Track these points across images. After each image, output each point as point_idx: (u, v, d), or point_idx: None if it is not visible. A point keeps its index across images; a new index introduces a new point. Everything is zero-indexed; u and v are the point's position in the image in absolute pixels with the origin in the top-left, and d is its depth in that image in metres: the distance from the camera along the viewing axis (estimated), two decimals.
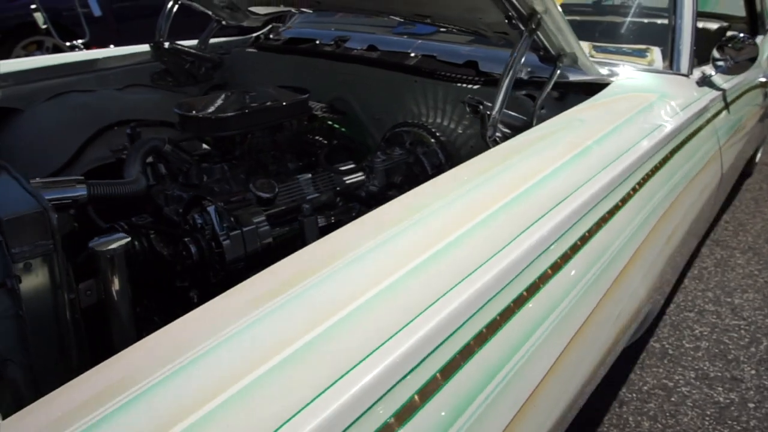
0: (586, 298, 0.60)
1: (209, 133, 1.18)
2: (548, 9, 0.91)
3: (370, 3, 1.25)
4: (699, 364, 1.68)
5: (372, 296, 0.46)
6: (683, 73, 1.31)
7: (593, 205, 0.67)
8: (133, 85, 1.72)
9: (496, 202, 0.62)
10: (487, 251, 0.53)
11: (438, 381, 0.42)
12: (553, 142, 0.84)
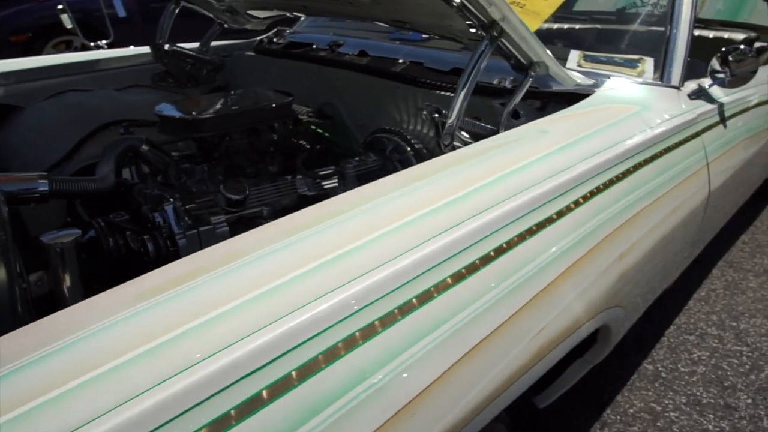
0: (495, 310, 0.59)
1: (185, 134, 1.21)
2: (506, 17, 0.91)
3: (352, 9, 1.26)
4: (692, 389, 1.62)
5: (250, 298, 0.47)
6: (674, 85, 1.27)
7: (515, 218, 0.66)
8: (134, 85, 1.78)
9: (413, 212, 0.62)
10: (379, 259, 0.54)
11: (292, 380, 0.43)
12: (503, 153, 0.83)
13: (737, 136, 1.42)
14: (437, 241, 0.58)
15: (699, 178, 1.17)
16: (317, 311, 0.47)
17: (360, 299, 0.49)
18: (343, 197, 0.67)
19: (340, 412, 0.44)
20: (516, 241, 0.65)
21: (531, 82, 1.09)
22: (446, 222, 0.61)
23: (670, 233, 1.03)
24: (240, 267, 0.52)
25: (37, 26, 4.33)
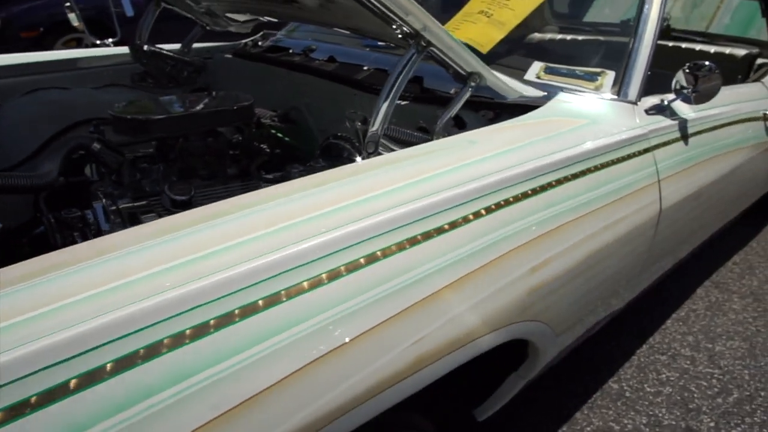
0: (358, 317, 0.61)
1: (137, 134, 1.25)
2: (427, 26, 0.92)
3: (307, 14, 1.29)
4: (655, 410, 1.60)
5: (80, 299, 0.50)
6: (630, 100, 1.27)
7: (392, 228, 0.67)
8: (112, 84, 1.84)
9: (286, 219, 0.64)
10: (231, 261, 0.56)
11: (105, 371, 0.46)
12: (418, 162, 0.85)
13: (702, 154, 1.41)
14: (294, 247, 0.60)
15: (646, 194, 1.17)
16: (142, 307, 0.49)
17: (194, 299, 0.52)
18: (228, 202, 0.70)
19: (159, 407, 0.46)
20: (394, 249, 0.67)
21: (471, 92, 1.10)
22: (314, 229, 0.63)
23: (603, 249, 1.03)
24: (100, 263, 0.55)
25: (48, 23, 4.47)
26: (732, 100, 1.75)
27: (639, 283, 1.38)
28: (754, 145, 1.80)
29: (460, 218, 0.75)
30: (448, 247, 0.72)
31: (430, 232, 0.71)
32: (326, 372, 0.57)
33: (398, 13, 0.89)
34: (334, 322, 0.59)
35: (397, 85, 0.99)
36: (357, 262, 0.63)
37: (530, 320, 0.89)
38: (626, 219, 1.10)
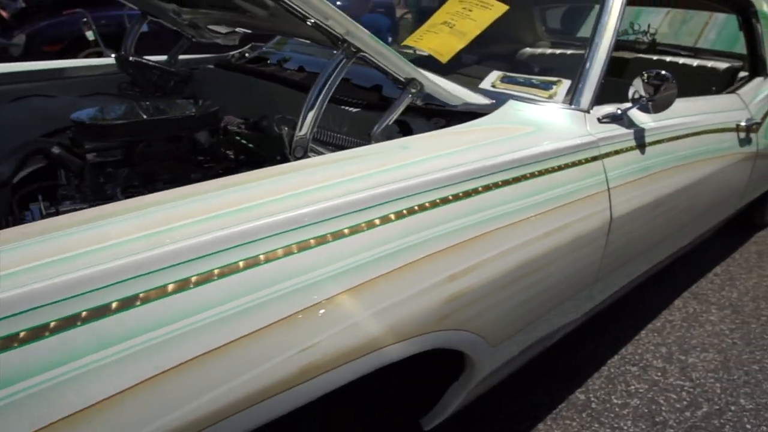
0: (237, 320, 0.57)
1: (97, 139, 1.24)
2: (350, 32, 0.88)
3: (266, 23, 1.27)
4: (620, 422, 1.52)
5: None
6: (582, 108, 1.22)
7: (279, 232, 0.63)
8: (98, 93, 1.84)
9: (175, 221, 0.60)
10: (99, 260, 0.52)
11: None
12: (339, 167, 0.81)
13: (662, 163, 1.34)
14: (165, 248, 0.56)
15: (595, 203, 1.11)
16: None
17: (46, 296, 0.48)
18: (129, 201, 0.66)
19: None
20: (280, 254, 0.62)
21: (412, 99, 1.06)
22: (198, 231, 0.59)
23: (543, 257, 0.97)
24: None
25: (70, 38, 4.56)
26: (701, 110, 1.68)
27: (600, 293, 1.31)
28: (726, 155, 1.72)
29: (363, 223, 0.71)
30: (347, 253, 0.68)
31: (326, 237, 0.67)
32: (199, 375, 0.53)
33: (317, 17, 0.86)
34: (212, 323, 0.55)
35: (324, 90, 0.95)
36: (234, 265, 0.59)
37: (453, 329, 0.84)
38: (570, 227, 1.04)
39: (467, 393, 1.07)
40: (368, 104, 1.25)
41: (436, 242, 0.78)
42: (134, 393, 0.49)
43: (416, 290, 0.75)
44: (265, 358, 0.59)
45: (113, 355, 0.49)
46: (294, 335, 0.61)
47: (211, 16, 1.64)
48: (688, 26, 3.34)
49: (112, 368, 0.49)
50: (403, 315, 0.73)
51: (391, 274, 0.72)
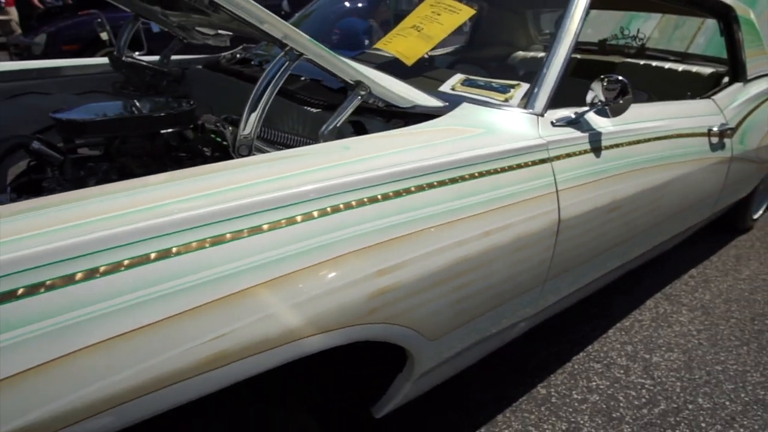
0: (149, 306, 0.58)
1: (73, 135, 1.26)
2: (287, 35, 0.89)
3: (228, 25, 1.28)
4: (577, 416, 1.51)
5: None
6: (535, 111, 1.21)
7: (193, 226, 0.64)
8: (93, 91, 1.87)
9: (98, 214, 0.62)
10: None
11: None
12: (274, 165, 0.81)
13: (619, 167, 1.33)
14: (76, 237, 0.57)
15: (541, 204, 1.10)
16: None
17: None
18: (67, 194, 0.68)
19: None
20: (194, 246, 0.64)
21: (360, 100, 1.06)
22: (112, 224, 0.61)
23: (482, 255, 0.97)
24: None
25: (87, 38, 4.63)
26: (670, 115, 1.66)
27: (553, 293, 1.30)
28: (696, 160, 1.69)
29: (284, 219, 0.72)
30: (264, 247, 0.69)
31: (242, 232, 0.68)
32: (107, 356, 0.55)
33: (254, 23, 0.87)
34: (125, 308, 0.56)
35: (267, 92, 0.96)
36: (145, 256, 0.60)
37: (384, 323, 0.84)
38: (514, 227, 1.04)
39: (413, 384, 1.07)
40: (331, 105, 1.25)
41: (364, 239, 0.79)
42: (43, 370, 0.51)
43: (342, 283, 0.75)
44: (176, 344, 0.60)
45: (19, 336, 0.51)
46: (206, 323, 0.62)
47: (192, 19, 1.66)
48: (681, 31, 3.28)
49: (21, 348, 0.51)
50: (326, 307, 0.74)
51: (312, 268, 0.72)
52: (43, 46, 4.52)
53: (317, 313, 0.74)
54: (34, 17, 5.17)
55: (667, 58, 2.79)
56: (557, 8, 1.43)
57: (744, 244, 2.60)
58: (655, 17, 3.25)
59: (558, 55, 1.27)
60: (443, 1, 1.49)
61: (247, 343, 0.66)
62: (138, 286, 0.59)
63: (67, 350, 0.54)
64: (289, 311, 0.70)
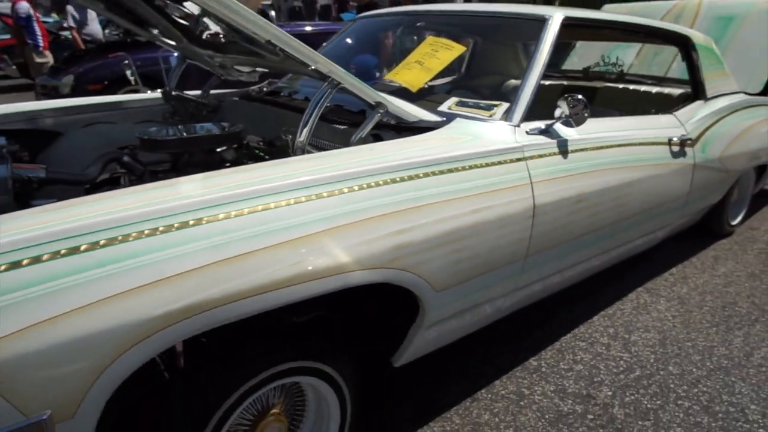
0: (251, 241, 0.97)
1: (154, 150, 1.68)
2: (332, 71, 1.30)
3: (279, 65, 1.71)
4: (563, 381, 1.85)
5: None
6: (514, 123, 1.62)
7: (291, 189, 1.05)
8: (147, 120, 2.31)
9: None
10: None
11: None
12: (324, 158, 1.22)
13: (584, 167, 1.71)
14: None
15: (518, 192, 1.49)
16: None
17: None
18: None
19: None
20: (272, 206, 1.03)
21: (380, 117, 1.48)
22: (237, 187, 1.01)
23: (473, 227, 1.36)
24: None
25: (111, 78, 5.17)
26: (632, 126, 2.06)
27: (533, 269, 1.67)
28: (658, 164, 2.08)
29: (336, 190, 1.11)
30: (322, 207, 1.08)
31: (311, 196, 1.08)
32: (222, 269, 0.93)
33: (308, 62, 1.28)
34: (234, 240, 0.95)
35: (315, 112, 1.37)
36: (249, 209, 1.00)
37: (401, 269, 1.22)
38: (496, 208, 1.43)
39: (424, 333, 1.43)
40: (354, 123, 1.67)
41: (387, 208, 1.18)
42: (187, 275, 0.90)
43: (373, 236, 1.14)
44: (264, 267, 0.98)
45: (178, 253, 0.90)
46: (284, 255, 1.01)
47: (237, 59, 2.11)
48: (659, 58, 3.73)
49: (181, 259, 0.90)
50: (362, 252, 1.12)
51: (354, 224, 1.11)
52: (70, 86, 5.05)
53: (357, 256, 1.12)
54: (61, 60, 5.76)
55: (644, 81, 3.23)
56: (531, 41, 1.85)
57: (723, 247, 2.96)
58: (635, 46, 3.72)
59: (530, 80, 1.69)
60: (440, 41, 1.93)
61: (310, 271, 1.04)
62: (240, 227, 0.98)
63: (199, 264, 0.93)
64: (340, 252, 1.09)
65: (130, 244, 0.89)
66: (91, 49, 5.99)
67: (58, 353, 0.80)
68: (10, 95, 8.47)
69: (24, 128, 2.02)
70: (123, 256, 0.87)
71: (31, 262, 0.83)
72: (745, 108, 2.77)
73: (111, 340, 0.83)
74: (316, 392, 1.33)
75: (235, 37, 1.52)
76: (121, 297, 0.85)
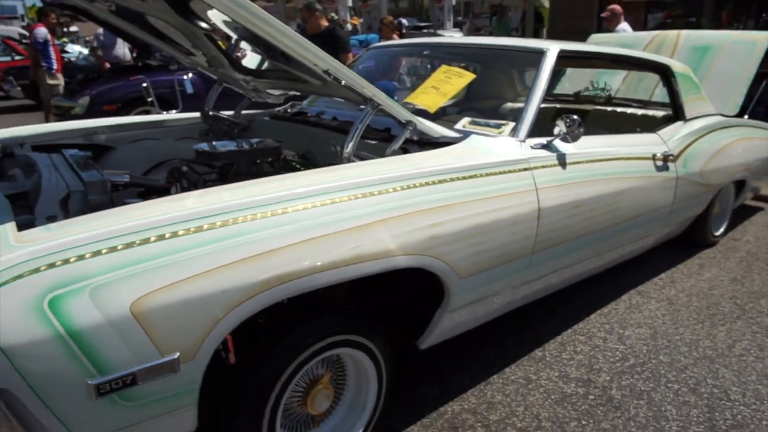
0: (327, 226, 1.23)
1: (206, 161, 1.94)
2: (375, 95, 1.58)
3: (317, 89, 2.00)
4: (566, 368, 2.10)
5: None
6: (519, 139, 1.91)
7: (355, 188, 1.32)
8: (186, 137, 2.58)
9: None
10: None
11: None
12: (369, 165, 1.50)
13: (581, 177, 2.00)
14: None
15: (526, 196, 1.76)
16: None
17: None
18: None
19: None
20: (336, 200, 1.29)
21: (409, 133, 1.76)
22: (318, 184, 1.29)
23: (490, 224, 1.63)
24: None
25: (124, 99, 5.46)
26: (620, 143, 2.37)
27: (539, 265, 1.93)
28: (643, 176, 2.37)
29: (383, 189, 1.38)
30: (374, 203, 1.34)
31: (367, 193, 1.34)
32: (313, 247, 1.20)
33: (357, 88, 1.56)
34: (313, 226, 1.22)
35: (359, 129, 1.65)
36: (318, 203, 1.27)
37: (433, 257, 1.48)
38: (509, 209, 1.70)
39: (447, 317, 1.69)
40: (384, 138, 1.95)
41: (423, 205, 1.44)
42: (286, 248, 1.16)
43: (413, 228, 1.40)
44: (330, 249, 1.24)
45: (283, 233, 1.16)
46: (346, 239, 1.27)
47: (272, 84, 2.40)
48: (644, 83, 4.09)
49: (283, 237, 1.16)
50: (405, 240, 1.38)
51: (398, 217, 1.37)
52: (86, 108, 5.33)
53: (400, 243, 1.38)
54: (76, 82, 6.04)
55: (630, 105, 3.58)
56: (533, 68, 2.16)
57: (707, 255, 3.26)
58: (622, 73, 4.08)
59: (533, 102, 1.99)
60: (452, 69, 2.24)
61: (366, 253, 1.31)
62: (315, 216, 1.24)
63: (288, 243, 1.19)
64: (388, 239, 1.35)
65: (239, 226, 1.15)
66: (104, 72, 6.29)
67: (188, 307, 1.05)
68: (15, 116, 8.74)
69: (81, 143, 2.28)
70: (233, 234, 1.13)
71: (157, 239, 1.09)
72: (722, 128, 3.10)
73: (224, 299, 1.09)
74: (356, 363, 1.57)
75: (286, 66, 1.81)
76: (232, 266, 1.10)
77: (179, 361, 1.06)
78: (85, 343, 0.97)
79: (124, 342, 1.00)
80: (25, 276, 0.95)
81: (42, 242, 1.02)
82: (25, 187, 1.60)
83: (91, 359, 0.98)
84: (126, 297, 1.00)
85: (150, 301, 1.02)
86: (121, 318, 0.99)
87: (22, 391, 0.93)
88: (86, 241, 1.03)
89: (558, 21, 10.74)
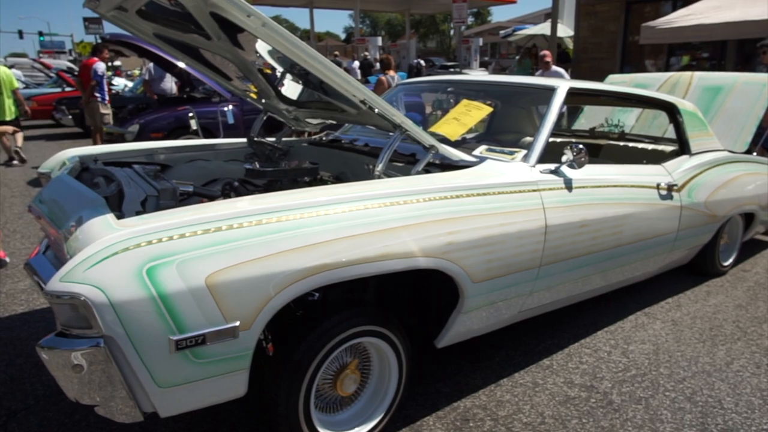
0: (351, 228, 1.49)
1: (254, 178, 2.24)
2: (403, 122, 1.86)
3: (353, 118, 2.29)
4: (571, 375, 2.27)
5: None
6: (530, 164, 2.15)
7: (381, 197, 1.58)
8: (233, 159, 2.90)
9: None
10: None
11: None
12: (392, 182, 1.76)
13: (586, 199, 2.22)
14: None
15: (533, 213, 1.99)
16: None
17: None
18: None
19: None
20: (376, 205, 1.56)
21: (431, 157, 2.02)
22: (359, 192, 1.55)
23: (500, 236, 1.86)
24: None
25: (169, 128, 5.92)
26: (625, 172, 2.58)
27: (545, 278, 2.14)
28: (647, 203, 2.57)
29: (409, 200, 1.64)
30: (399, 211, 1.60)
31: (394, 202, 1.60)
32: (350, 243, 1.45)
33: (388, 116, 1.84)
34: (350, 226, 1.47)
35: (387, 153, 1.92)
36: (354, 207, 1.53)
37: (450, 261, 1.71)
38: (517, 223, 1.93)
39: (461, 319, 1.90)
40: (408, 161, 2.22)
41: (442, 215, 1.69)
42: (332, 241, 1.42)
43: (432, 234, 1.65)
44: (362, 246, 1.48)
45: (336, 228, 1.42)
46: (376, 240, 1.51)
47: (312, 113, 2.71)
48: (657, 121, 4.30)
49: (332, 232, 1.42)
50: (426, 244, 1.62)
51: (420, 224, 1.62)
52: (135, 135, 5.79)
53: (422, 246, 1.63)
54: (126, 111, 6.57)
55: (642, 140, 3.79)
56: (544, 104, 2.42)
57: (715, 284, 3.38)
58: (636, 111, 4.31)
59: (543, 132, 2.25)
60: (472, 103, 2.52)
61: (392, 252, 1.55)
62: (352, 218, 1.50)
63: (329, 238, 1.45)
64: (411, 242, 1.60)
65: (291, 222, 1.41)
66: (152, 103, 6.83)
67: (249, 284, 1.31)
68: (66, 142, 9.38)
69: (144, 161, 2.61)
70: (287, 228, 1.40)
71: (228, 228, 1.36)
72: (728, 162, 3.28)
73: (276, 280, 1.34)
74: (379, 351, 1.80)
75: (326, 96, 2.11)
76: (285, 254, 1.36)
77: (239, 329, 1.31)
78: (171, 306, 1.23)
79: (199, 308, 1.26)
80: (131, 249, 1.23)
81: (140, 225, 1.30)
82: (107, 193, 1.91)
83: (174, 319, 1.24)
84: (203, 271, 1.26)
85: (221, 276, 1.28)
86: (198, 288, 1.26)
87: (122, 339, 1.19)
88: (174, 226, 1.31)
89: (582, 62, 11.10)
